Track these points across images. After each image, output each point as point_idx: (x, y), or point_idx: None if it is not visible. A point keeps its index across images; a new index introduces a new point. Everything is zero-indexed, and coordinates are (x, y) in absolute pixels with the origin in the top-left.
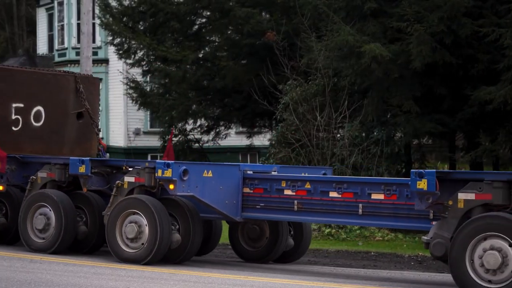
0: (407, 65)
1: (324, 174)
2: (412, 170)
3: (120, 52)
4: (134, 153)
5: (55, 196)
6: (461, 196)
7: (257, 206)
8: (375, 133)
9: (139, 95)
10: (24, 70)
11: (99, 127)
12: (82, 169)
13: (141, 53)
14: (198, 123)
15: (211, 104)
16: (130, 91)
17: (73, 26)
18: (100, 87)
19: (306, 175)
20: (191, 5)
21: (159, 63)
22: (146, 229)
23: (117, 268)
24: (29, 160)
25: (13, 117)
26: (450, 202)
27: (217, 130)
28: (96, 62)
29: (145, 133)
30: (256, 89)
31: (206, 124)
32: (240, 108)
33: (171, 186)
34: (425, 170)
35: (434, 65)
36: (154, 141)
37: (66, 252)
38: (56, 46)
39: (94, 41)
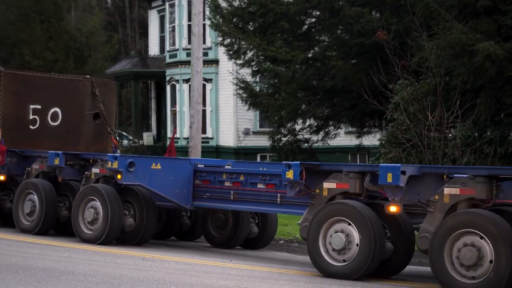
0: None
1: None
2: (283, 161)
3: (230, 52)
4: (244, 153)
5: (39, 184)
6: (325, 185)
7: (204, 196)
8: (488, 133)
9: (249, 96)
10: (41, 76)
11: (113, 127)
12: (56, 161)
13: (251, 53)
14: (307, 123)
15: (320, 104)
16: (240, 92)
17: (184, 27)
18: (115, 90)
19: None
20: (301, 5)
21: (268, 64)
22: (101, 213)
23: (227, 267)
24: (27, 154)
25: (31, 117)
26: (317, 191)
27: (327, 130)
28: (206, 62)
29: (255, 133)
30: (366, 89)
31: (315, 124)
32: (349, 107)
33: (119, 176)
34: (292, 162)
35: None
36: (263, 141)
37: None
38: (167, 47)
39: (204, 42)
